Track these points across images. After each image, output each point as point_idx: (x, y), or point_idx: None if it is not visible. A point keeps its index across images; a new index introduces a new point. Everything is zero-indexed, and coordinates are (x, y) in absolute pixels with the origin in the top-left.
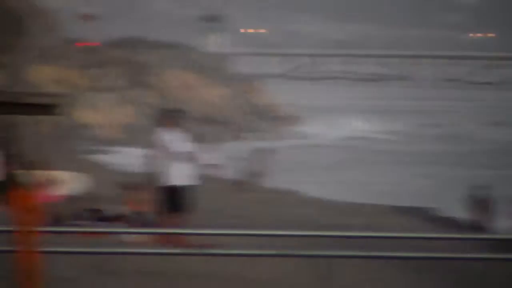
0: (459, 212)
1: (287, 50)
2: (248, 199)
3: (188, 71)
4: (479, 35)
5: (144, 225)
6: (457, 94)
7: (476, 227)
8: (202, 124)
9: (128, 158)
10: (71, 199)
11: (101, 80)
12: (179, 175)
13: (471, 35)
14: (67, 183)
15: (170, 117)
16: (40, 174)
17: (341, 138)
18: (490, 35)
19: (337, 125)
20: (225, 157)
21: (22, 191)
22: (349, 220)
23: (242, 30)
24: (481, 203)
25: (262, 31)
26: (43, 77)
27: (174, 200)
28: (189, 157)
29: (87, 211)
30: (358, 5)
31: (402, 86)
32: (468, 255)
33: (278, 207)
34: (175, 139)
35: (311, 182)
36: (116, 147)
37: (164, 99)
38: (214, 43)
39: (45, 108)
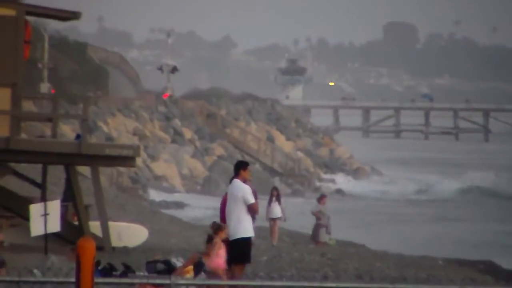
0: None
1: (369, 103)
2: (316, 251)
3: (268, 123)
4: None
5: (210, 276)
6: None
7: None
8: (278, 176)
9: (203, 210)
10: (140, 250)
11: (180, 131)
12: (248, 227)
13: None
14: (135, 234)
15: (245, 169)
16: (110, 226)
17: (415, 191)
18: None
19: (413, 179)
20: (298, 210)
21: (86, 242)
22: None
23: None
24: None
25: (344, 84)
26: (122, 129)
27: (241, 251)
28: (258, 210)
29: (156, 262)
30: (441, 59)
31: (480, 140)
32: None
33: (348, 259)
34: (248, 192)
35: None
36: (192, 198)
37: (242, 150)
38: (295, 95)
39: (123, 160)
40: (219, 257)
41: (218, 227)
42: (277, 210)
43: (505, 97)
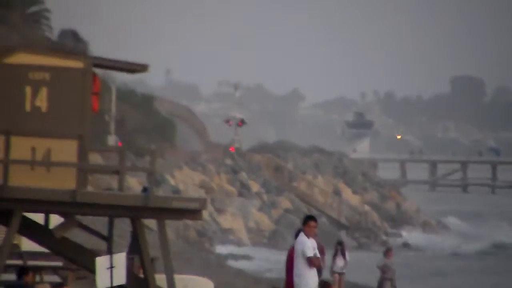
0: None
1: (436, 157)
2: None
3: (335, 177)
4: None
5: None
6: None
7: None
8: (345, 229)
9: (269, 263)
10: None
11: (247, 184)
12: (309, 281)
13: None
14: (201, 286)
15: (305, 223)
16: (175, 278)
17: (479, 249)
18: None
19: (477, 236)
20: (363, 263)
21: None
22: None
23: (394, 136)
24: None
25: (411, 137)
26: (189, 181)
27: None
28: (318, 264)
29: None
30: (508, 113)
31: None
32: None
33: None
34: (313, 246)
35: None
36: (258, 251)
37: (309, 204)
38: (362, 148)
39: (190, 213)
40: None
41: (324, 285)
42: (341, 264)
43: None
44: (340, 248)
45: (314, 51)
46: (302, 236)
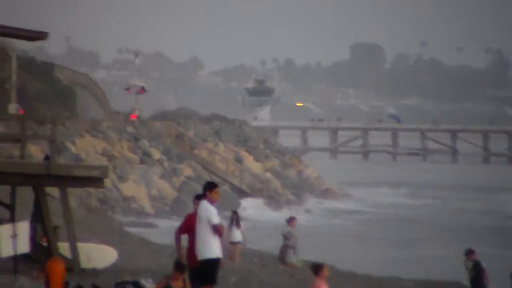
0: None
1: (336, 124)
2: (285, 273)
3: (236, 144)
4: None
5: None
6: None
7: None
8: (247, 196)
9: (172, 231)
10: (109, 271)
11: (148, 152)
12: (214, 248)
13: None
14: (105, 255)
15: (212, 190)
16: (79, 247)
17: (383, 212)
18: None
19: (381, 200)
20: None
21: (55, 263)
22: None
23: (296, 103)
24: None
25: (311, 105)
26: (91, 149)
27: (208, 272)
28: (222, 231)
29: (125, 284)
30: (407, 80)
31: (448, 160)
32: None
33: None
34: (213, 213)
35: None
36: (161, 219)
37: (211, 171)
38: (262, 116)
39: (92, 181)
40: None
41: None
42: (237, 234)
43: (471, 118)
44: (235, 217)
45: (213, 18)
46: (206, 203)
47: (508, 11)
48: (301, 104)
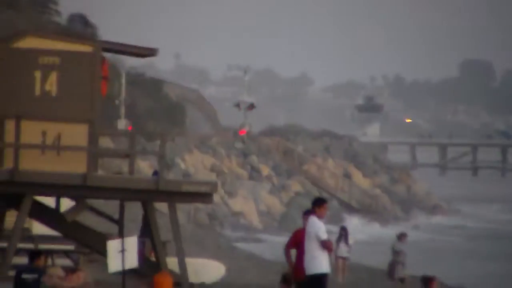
0: None
1: (446, 140)
2: None
3: (345, 160)
4: None
5: None
6: None
7: None
8: (356, 212)
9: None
10: (218, 286)
11: (257, 168)
12: (322, 263)
13: None
14: (213, 270)
15: (320, 206)
16: (187, 262)
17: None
18: None
19: (489, 216)
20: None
21: (163, 277)
22: None
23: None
24: None
25: (420, 121)
26: (200, 165)
27: (315, 287)
28: (330, 247)
29: None
30: None
31: None
32: None
33: None
34: (321, 229)
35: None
36: (269, 235)
37: (320, 187)
38: (372, 132)
39: (200, 196)
40: None
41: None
42: (344, 249)
43: None
44: (343, 234)
45: (322, 34)
46: (314, 218)
47: None
48: (410, 120)
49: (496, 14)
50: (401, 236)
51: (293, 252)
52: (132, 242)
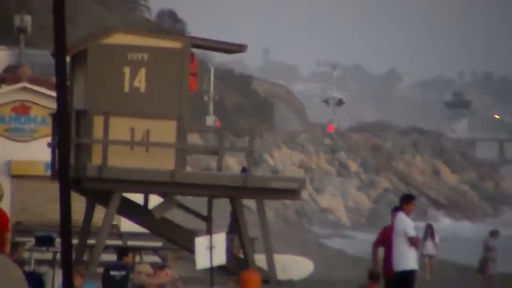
0: None
1: None
2: (483, 285)
3: (433, 156)
4: None
5: None
6: None
7: None
8: (443, 208)
9: (368, 243)
10: (305, 283)
11: (345, 164)
12: (411, 260)
13: None
14: (301, 267)
15: (408, 203)
16: (275, 258)
17: None
18: None
19: None
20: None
21: (251, 274)
22: None
23: (494, 116)
24: None
25: (509, 117)
26: (288, 161)
27: (404, 283)
28: (418, 243)
29: None
30: None
31: None
32: None
33: None
34: (410, 225)
35: None
36: (357, 232)
37: (408, 183)
38: (460, 128)
39: (289, 193)
40: None
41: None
42: (431, 247)
43: None
44: (430, 232)
45: (410, 30)
46: (402, 215)
47: None
48: (498, 117)
49: None
50: (493, 233)
51: (382, 251)
52: (220, 239)
